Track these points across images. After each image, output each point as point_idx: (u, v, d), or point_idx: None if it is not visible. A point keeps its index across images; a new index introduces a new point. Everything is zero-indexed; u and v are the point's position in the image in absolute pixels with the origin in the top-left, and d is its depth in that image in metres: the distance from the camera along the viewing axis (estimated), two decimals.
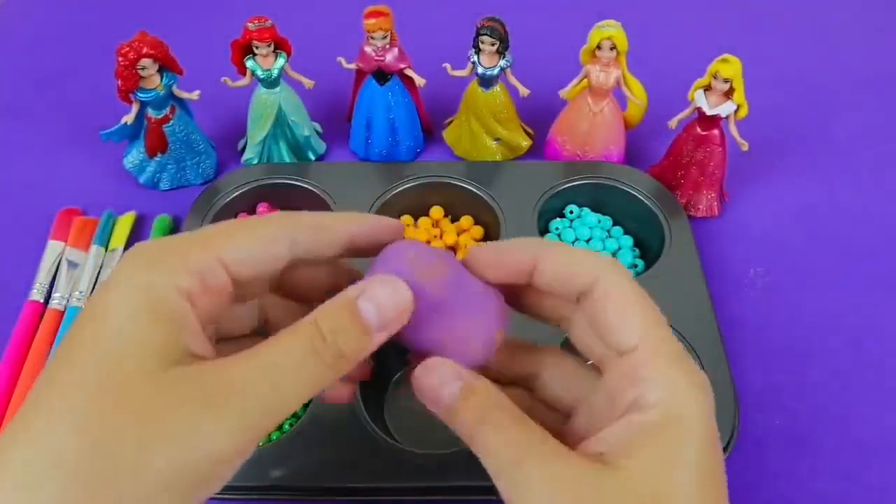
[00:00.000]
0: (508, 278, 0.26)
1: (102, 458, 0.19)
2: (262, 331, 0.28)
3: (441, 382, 0.24)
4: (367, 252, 0.27)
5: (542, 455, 0.22)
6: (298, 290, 0.28)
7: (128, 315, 0.21)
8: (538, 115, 0.61)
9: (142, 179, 0.58)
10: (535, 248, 0.25)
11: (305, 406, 0.44)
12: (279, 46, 0.54)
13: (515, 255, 0.25)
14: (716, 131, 0.53)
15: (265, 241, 0.24)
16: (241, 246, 0.23)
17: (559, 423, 0.27)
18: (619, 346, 0.23)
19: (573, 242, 0.53)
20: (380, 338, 0.23)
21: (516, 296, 0.27)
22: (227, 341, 0.27)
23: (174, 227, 0.55)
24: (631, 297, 0.24)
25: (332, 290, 0.24)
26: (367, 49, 0.54)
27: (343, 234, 0.26)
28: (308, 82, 0.56)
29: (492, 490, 0.23)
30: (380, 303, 0.23)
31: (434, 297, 0.24)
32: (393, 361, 0.46)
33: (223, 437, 0.20)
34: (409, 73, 0.56)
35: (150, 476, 0.19)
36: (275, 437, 0.43)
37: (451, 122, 0.61)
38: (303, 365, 0.22)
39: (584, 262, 0.25)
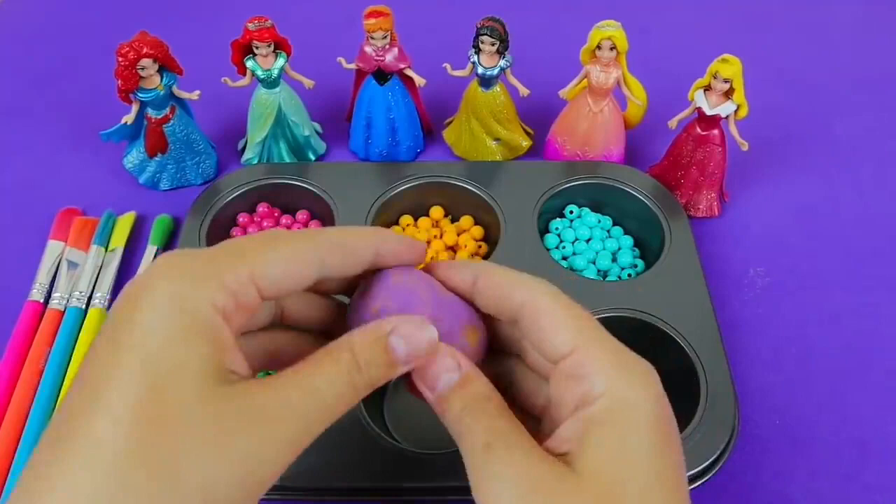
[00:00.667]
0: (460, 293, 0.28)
1: (155, 477, 0.19)
2: (278, 321, 0.29)
3: (442, 369, 0.25)
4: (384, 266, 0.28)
5: (509, 446, 0.23)
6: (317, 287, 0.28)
7: (169, 335, 0.21)
8: (538, 115, 0.61)
9: (142, 179, 0.58)
10: (475, 269, 0.27)
11: None
12: (279, 46, 0.54)
13: (459, 274, 0.27)
14: (716, 131, 0.53)
15: (297, 262, 0.24)
16: (273, 265, 0.24)
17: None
18: (557, 352, 0.25)
19: (573, 243, 0.53)
20: (404, 369, 0.25)
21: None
22: (244, 335, 0.27)
23: (174, 227, 0.55)
24: (561, 308, 0.25)
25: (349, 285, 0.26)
26: (367, 49, 0.54)
27: (369, 255, 0.27)
28: (308, 82, 0.56)
29: None
30: (409, 341, 0.25)
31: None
32: None
33: (272, 454, 0.21)
34: (409, 73, 0.56)
35: (217, 497, 0.20)
36: None
37: (451, 122, 0.61)
38: (342, 391, 0.23)
39: (515, 282, 0.26)
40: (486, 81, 0.55)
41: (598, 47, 0.52)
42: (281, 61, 0.54)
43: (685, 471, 0.23)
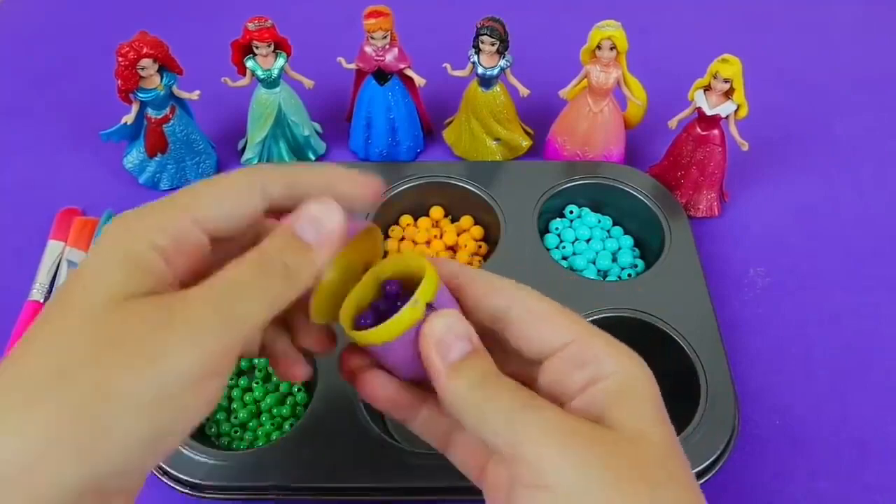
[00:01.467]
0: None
1: (69, 381, 0.20)
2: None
3: (456, 336, 0.25)
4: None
5: (542, 406, 0.24)
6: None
7: (102, 264, 0.22)
8: (538, 115, 0.61)
9: (142, 179, 0.58)
10: (462, 273, 0.27)
11: (305, 406, 0.44)
12: (279, 46, 0.54)
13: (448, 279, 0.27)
14: (716, 131, 0.53)
15: (234, 194, 0.25)
16: (210, 204, 0.24)
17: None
18: (551, 346, 0.26)
19: (573, 243, 0.53)
20: (322, 254, 0.25)
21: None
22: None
23: None
24: (551, 308, 0.26)
25: None
26: (367, 49, 0.54)
27: (315, 181, 0.26)
28: (308, 82, 0.56)
29: None
30: (313, 216, 0.25)
31: None
32: None
33: (187, 354, 0.21)
34: (409, 73, 0.56)
35: (119, 398, 0.20)
36: (275, 438, 0.43)
37: (451, 122, 0.61)
38: (255, 280, 0.23)
39: (499, 286, 0.27)
40: (486, 81, 0.55)
41: (598, 47, 0.52)
42: (281, 61, 0.54)
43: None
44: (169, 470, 0.39)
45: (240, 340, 0.23)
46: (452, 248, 0.53)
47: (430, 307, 0.25)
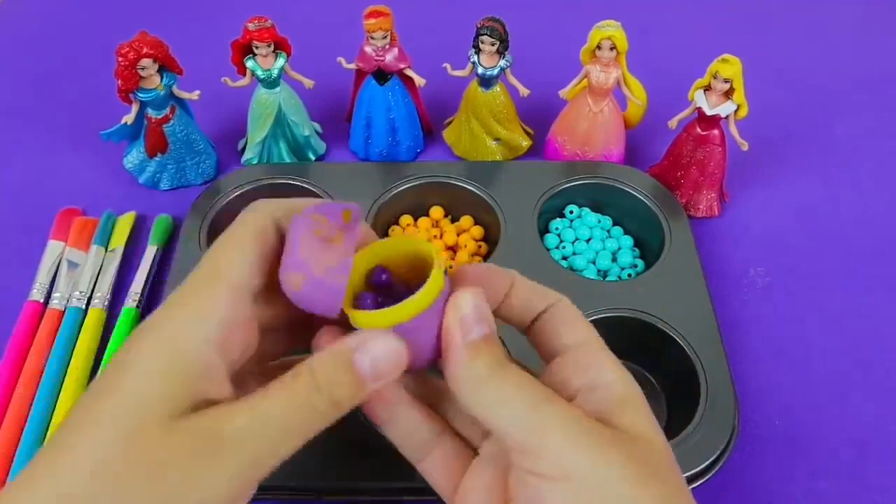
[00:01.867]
0: (491, 296, 0.28)
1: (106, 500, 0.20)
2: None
3: (480, 316, 0.25)
4: None
5: (560, 402, 0.24)
6: None
7: (149, 367, 0.22)
8: (538, 115, 0.61)
9: (142, 179, 0.58)
10: (511, 274, 0.28)
11: None
12: (279, 46, 0.54)
13: (498, 276, 0.28)
14: (716, 131, 0.53)
15: (253, 243, 0.25)
16: (242, 266, 0.25)
17: None
18: (569, 342, 0.27)
19: (573, 243, 0.53)
20: (374, 387, 0.24)
21: None
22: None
23: (174, 228, 0.55)
24: (578, 314, 0.28)
25: None
26: (367, 49, 0.54)
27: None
28: (308, 82, 0.56)
29: None
30: (375, 356, 0.24)
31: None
32: None
33: (216, 486, 0.22)
34: (409, 73, 0.56)
35: None
36: None
37: (451, 122, 0.61)
38: (297, 416, 0.23)
39: (544, 290, 0.29)
40: (486, 81, 0.55)
41: (598, 47, 0.52)
42: (281, 61, 0.54)
43: None
44: None
45: (268, 472, 0.23)
46: (452, 248, 0.53)
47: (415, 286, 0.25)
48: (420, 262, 0.26)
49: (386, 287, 0.26)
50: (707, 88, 0.51)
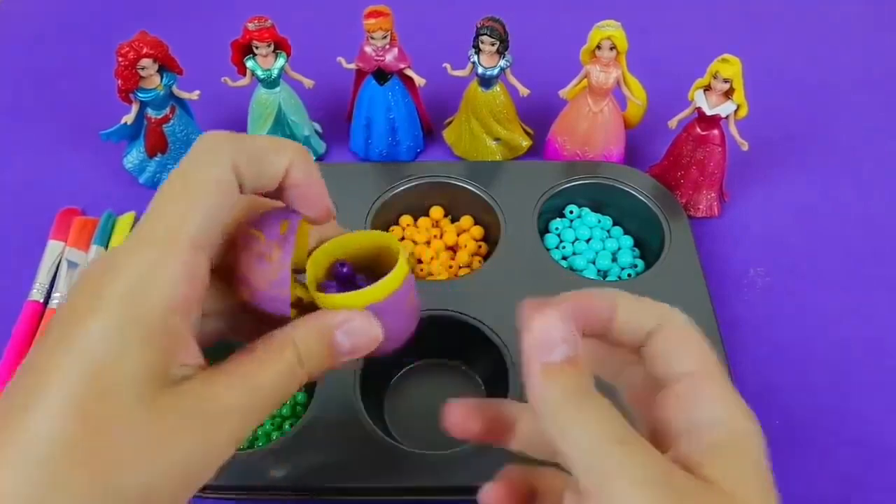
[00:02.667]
0: (591, 327, 0.25)
1: (91, 478, 0.19)
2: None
3: (560, 337, 0.23)
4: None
5: (633, 445, 0.22)
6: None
7: (116, 343, 0.21)
8: (538, 115, 0.61)
9: (142, 179, 0.58)
10: (615, 293, 0.25)
11: (305, 406, 0.44)
12: (279, 46, 0.54)
13: (599, 297, 0.25)
14: (716, 131, 0.53)
15: (212, 198, 0.23)
16: (198, 221, 0.23)
17: None
18: (680, 370, 0.24)
19: (573, 243, 0.53)
20: (343, 361, 0.25)
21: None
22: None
23: None
24: (691, 332, 0.25)
25: None
26: (367, 49, 0.54)
27: (280, 167, 0.25)
28: (308, 82, 0.56)
29: None
30: (355, 337, 0.25)
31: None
32: (392, 362, 0.46)
33: (213, 454, 0.22)
34: (409, 73, 0.56)
35: (138, 494, 0.20)
36: (275, 438, 0.43)
37: (451, 122, 0.61)
38: (283, 386, 0.24)
39: (651, 305, 0.25)
40: (486, 81, 0.55)
41: (598, 47, 0.52)
42: (281, 61, 0.54)
43: None
44: None
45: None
46: (452, 248, 0.53)
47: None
48: (383, 255, 0.27)
49: (348, 278, 0.27)
50: (707, 88, 0.51)
